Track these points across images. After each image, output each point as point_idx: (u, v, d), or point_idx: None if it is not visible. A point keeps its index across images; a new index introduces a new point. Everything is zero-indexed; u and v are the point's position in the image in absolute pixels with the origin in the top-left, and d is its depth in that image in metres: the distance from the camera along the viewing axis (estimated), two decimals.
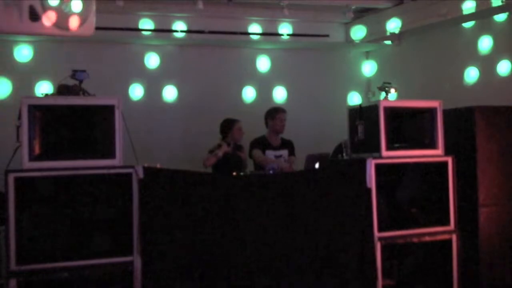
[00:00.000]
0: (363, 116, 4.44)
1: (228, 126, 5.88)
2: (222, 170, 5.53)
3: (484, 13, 5.62)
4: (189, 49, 6.88)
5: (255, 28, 6.79)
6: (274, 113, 5.98)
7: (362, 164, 4.16)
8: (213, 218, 3.86)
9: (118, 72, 6.57)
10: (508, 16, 5.65)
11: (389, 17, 6.56)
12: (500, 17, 5.75)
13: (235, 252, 3.87)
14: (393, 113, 4.33)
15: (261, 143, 5.88)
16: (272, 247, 3.94)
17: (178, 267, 3.76)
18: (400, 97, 4.77)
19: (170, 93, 6.85)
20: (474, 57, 6.03)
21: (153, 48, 6.78)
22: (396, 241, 4.28)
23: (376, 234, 4.15)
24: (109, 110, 3.72)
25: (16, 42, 6.24)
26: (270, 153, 5.87)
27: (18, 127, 3.59)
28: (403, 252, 4.55)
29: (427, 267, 4.55)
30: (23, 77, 6.24)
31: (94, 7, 4.00)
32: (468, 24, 6.11)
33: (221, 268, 3.84)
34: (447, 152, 4.46)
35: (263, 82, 7.23)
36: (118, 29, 6.19)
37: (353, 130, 4.54)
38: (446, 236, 4.39)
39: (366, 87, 7.67)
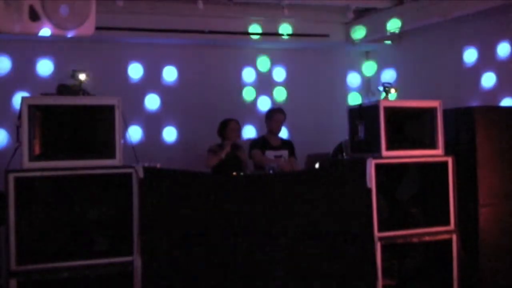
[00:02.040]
0: (363, 116, 4.44)
1: (222, 126, 5.88)
2: (221, 171, 5.53)
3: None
4: (189, 49, 6.88)
5: (255, 28, 6.78)
6: (271, 114, 6.01)
7: (362, 164, 4.16)
8: (213, 218, 3.85)
9: (118, 72, 6.57)
10: None
11: (389, 17, 6.56)
12: None
13: (235, 251, 3.86)
14: (393, 113, 4.33)
15: (261, 143, 5.89)
16: (272, 246, 3.94)
17: (178, 267, 3.76)
18: (400, 97, 4.77)
19: (170, 93, 6.85)
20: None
21: (153, 48, 6.78)
22: (396, 241, 4.27)
23: (376, 234, 4.14)
24: (109, 110, 3.72)
25: None
26: (270, 153, 5.87)
27: (18, 127, 3.59)
28: (403, 252, 4.55)
29: (427, 267, 4.55)
30: None
31: (94, 7, 4.00)
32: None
33: (221, 267, 3.84)
34: (447, 152, 4.46)
35: (263, 82, 7.23)
36: (118, 29, 6.19)
37: (353, 130, 4.54)
38: (446, 236, 4.39)
39: (366, 87, 7.67)
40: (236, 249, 3.87)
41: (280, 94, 7.26)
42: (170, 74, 6.86)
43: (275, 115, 5.98)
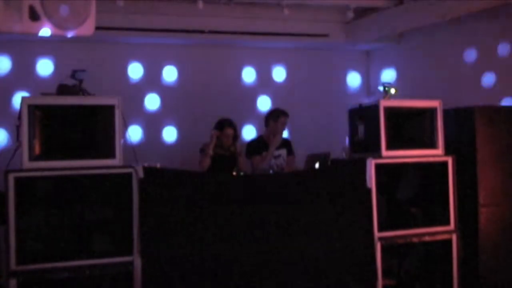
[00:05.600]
0: (363, 116, 4.44)
1: (218, 128, 5.64)
2: (216, 167, 5.47)
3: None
4: (189, 49, 6.88)
5: (255, 28, 6.77)
6: (277, 116, 5.89)
7: (362, 164, 4.16)
8: (213, 218, 3.86)
9: (118, 72, 6.57)
10: None
11: (389, 17, 6.56)
12: None
13: (235, 251, 3.86)
14: (393, 113, 4.33)
15: (260, 145, 5.84)
16: (273, 246, 3.94)
17: (178, 267, 3.76)
18: (400, 97, 4.77)
19: (170, 93, 6.85)
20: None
21: (153, 48, 6.78)
22: (396, 241, 4.28)
23: (376, 234, 4.15)
24: (109, 110, 3.73)
25: None
26: None
27: (18, 127, 3.60)
28: (403, 252, 4.55)
29: (427, 267, 4.55)
30: None
31: (94, 7, 4.00)
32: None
33: (222, 268, 3.84)
34: (447, 152, 4.46)
35: (263, 82, 7.23)
36: (118, 29, 6.19)
37: (353, 130, 4.54)
38: (446, 236, 4.40)
39: (366, 87, 7.67)
40: (236, 248, 3.87)
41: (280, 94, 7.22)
42: (170, 74, 6.86)
43: (282, 117, 5.87)
